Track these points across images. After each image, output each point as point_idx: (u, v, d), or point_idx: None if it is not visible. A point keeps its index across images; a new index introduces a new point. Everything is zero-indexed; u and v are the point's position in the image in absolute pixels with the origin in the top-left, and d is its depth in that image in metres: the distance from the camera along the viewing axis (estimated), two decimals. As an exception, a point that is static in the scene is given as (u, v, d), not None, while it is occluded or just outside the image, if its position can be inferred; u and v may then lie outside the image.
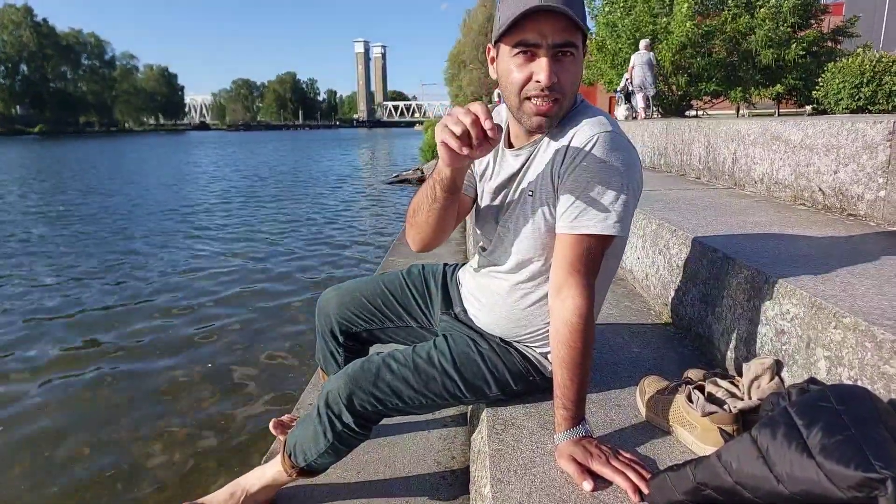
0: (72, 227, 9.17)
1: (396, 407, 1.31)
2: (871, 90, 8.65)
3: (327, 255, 7.16)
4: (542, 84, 1.09)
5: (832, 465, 0.71)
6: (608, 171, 1.12)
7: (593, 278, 1.15)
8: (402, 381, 1.29)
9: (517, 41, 1.09)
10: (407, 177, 15.26)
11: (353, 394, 1.27)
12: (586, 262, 1.14)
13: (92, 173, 19.61)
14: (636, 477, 1.03)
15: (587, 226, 1.13)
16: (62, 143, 54.22)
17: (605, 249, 1.17)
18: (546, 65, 1.08)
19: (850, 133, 2.13)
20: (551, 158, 1.19)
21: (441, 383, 1.31)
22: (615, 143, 1.13)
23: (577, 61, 1.12)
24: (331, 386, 1.31)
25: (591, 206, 1.12)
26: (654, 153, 4.55)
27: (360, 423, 1.30)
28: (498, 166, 1.32)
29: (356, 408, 1.28)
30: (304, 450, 1.35)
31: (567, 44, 1.08)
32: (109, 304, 5.10)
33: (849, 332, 1.05)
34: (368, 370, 1.31)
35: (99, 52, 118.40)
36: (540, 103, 1.12)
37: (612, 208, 1.12)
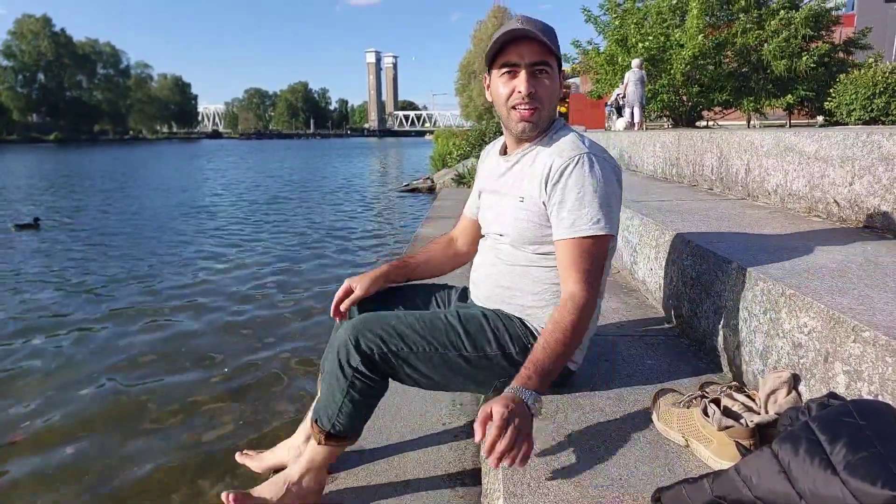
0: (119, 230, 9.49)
1: (401, 352, 1.34)
2: (884, 101, 8.59)
3: (339, 262, 7.19)
4: (523, 93, 1.37)
5: (858, 482, 0.70)
6: (590, 185, 1.34)
7: (595, 275, 1.34)
8: (407, 325, 1.38)
9: (502, 63, 1.39)
10: (417, 186, 15.29)
11: (360, 334, 1.34)
12: (585, 260, 1.33)
13: (124, 180, 20.05)
14: (505, 446, 1.01)
15: (582, 230, 1.33)
16: (78, 150, 54.97)
17: (604, 249, 1.37)
18: (525, 78, 1.36)
19: (865, 145, 2.11)
20: (540, 172, 1.40)
21: (445, 332, 1.39)
22: (591, 161, 1.36)
23: (551, 78, 1.40)
24: (340, 334, 1.38)
25: (581, 215, 1.34)
26: (666, 163, 4.53)
27: (368, 365, 1.34)
28: (490, 171, 1.60)
29: (362, 348, 1.33)
30: (327, 410, 1.39)
31: (542, 62, 1.36)
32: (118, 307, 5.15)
33: (868, 346, 1.04)
34: (376, 316, 1.41)
35: (114, 61, 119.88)
36: (522, 110, 1.39)
37: (599, 214, 1.34)
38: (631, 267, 2.68)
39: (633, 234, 2.64)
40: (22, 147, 69.21)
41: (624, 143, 6.03)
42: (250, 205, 13.26)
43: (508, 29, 1.35)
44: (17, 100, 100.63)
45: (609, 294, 2.48)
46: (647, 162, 5.10)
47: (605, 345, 1.82)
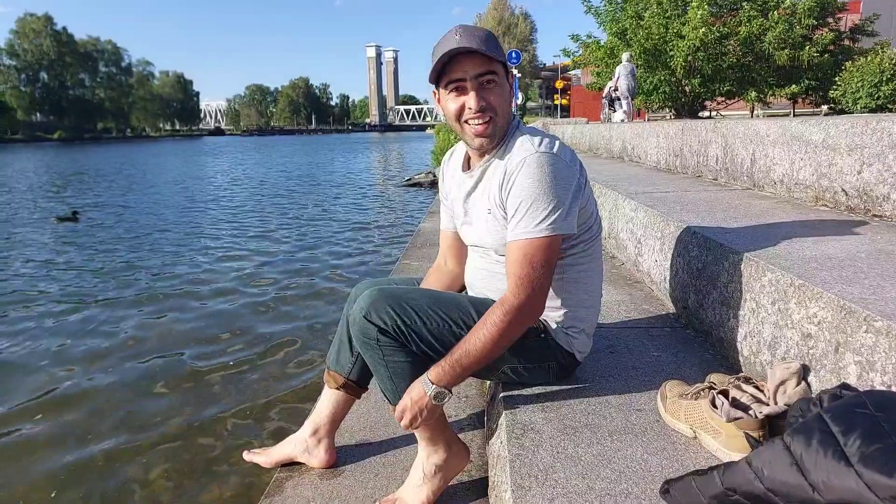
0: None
1: (413, 325, 1.33)
2: (891, 89, 8.51)
3: (343, 257, 7.19)
4: (474, 109, 1.35)
5: (872, 474, 0.68)
6: (537, 186, 1.31)
7: (534, 278, 1.31)
8: (420, 300, 1.37)
9: (448, 81, 1.37)
10: (419, 180, 15.27)
11: (372, 308, 1.33)
12: (524, 264, 1.31)
13: (136, 177, 20.61)
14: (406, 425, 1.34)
15: (524, 233, 1.32)
16: (83, 149, 55.31)
17: (549, 251, 1.32)
18: (474, 94, 1.34)
19: (874, 132, 2.08)
20: (497, 180, 1.39)
21: (457, 309, 1.38)
22: (540, 161, 1.32)
23: (500, 85, 1.37)
24: (354, 309, 1.37)
25: (526, 217, 1.32)
26: (669, 154, 4.50)
27: (386, 334, 1.32)
28: (457, 188, 1.56)
29: (374, 321, 1.32)
30: (386, 387, 1.38)
31: (486, 73, 1.34)
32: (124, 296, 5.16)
33: (881, 336, 1.02)
34: (389, 290, 1.39)
35: (116, 59, 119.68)
36: (476, 125, 1.37)
37: (543, 215, 1.31)
38: (636, 259, 2.66)
39: (638, 226, 2.62)
40: (27, 146, 69.36)
41: (626, 134, 5.99)
42: (259, 200, 13.42)
43: (448, 48, 1.31)
44: (21, 99, 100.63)
45: (614, 286, 2.46)
46: (649, 153, 5.07)
47: (611, 336, 1.81)
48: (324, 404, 1.65)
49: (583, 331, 1.47)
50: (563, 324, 1.44)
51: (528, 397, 1.42)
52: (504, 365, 1.42)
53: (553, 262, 1.35)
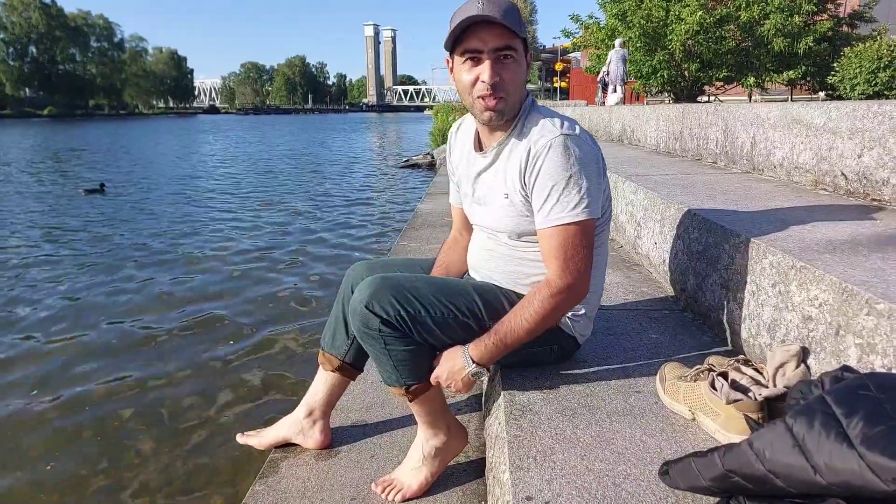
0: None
1: (418, 314, 1.29)
2: (889, 75, 8.47)
3: (340, 237, 7.16)
4: (487, 83, 1.28)
5: (875, 456, 0.68)
6: (567, 170, 1.28)
7: (576, 262, 1.30)
8: (422, 288, 1.33)
9: (463, 50, 1.29)
10: (417, 161, 15.18)
11: (374, 298, 1.28)
12: (565, 248, 1.30)
13: (137, 154, 20.99)
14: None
15: (560, 217, 1.29)
16: (76, 125, 54.84)
17: (586, 233, 1.31)
18: (489, 67, 1.28)
19: (876, 116, 2.06)
20: (517, 164, 1.34)
21: (461, 296, 1.36)
22: (566, 144, 1.29)
23: (517, 63, 1.31)
24: (355, 298, 1.31)
25: (560, 202, 1.29)
26: (669, 137, 4.47)
27: (389, 324, 1.28)
28: (466, 166, 1.51)
29: (377, 311, 1.28)
30: (388, 372, 1.35)
31: (506, 48, 1.27)
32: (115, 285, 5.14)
33: (883, 318, 1.02)
34: (391, 278, 1.35)
35: (108, 34, 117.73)
36: (487, 100, 1.30)
37: (577, 199, 1.28)
38: (635, 241, 2.65)
39: (638, 209, 2.61)
40: (15, 122, 68.44)
41: (626, 117, 5.95)
42: (256, 179, 13.40)
43: (469, 14, 1.23)
44: (9, 73, 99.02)
45: (612, 268, 2.45)
46: (649, 136, 5.04)
47: (609, 318, 1.80)
48: (318, 386, 1.64)
49: (585, 314, 1.46)
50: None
51: (527, 378, 1.42)
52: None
53: (591, 243, 1.33)
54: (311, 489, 1.48)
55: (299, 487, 1.49)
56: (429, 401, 1.40)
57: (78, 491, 2.36)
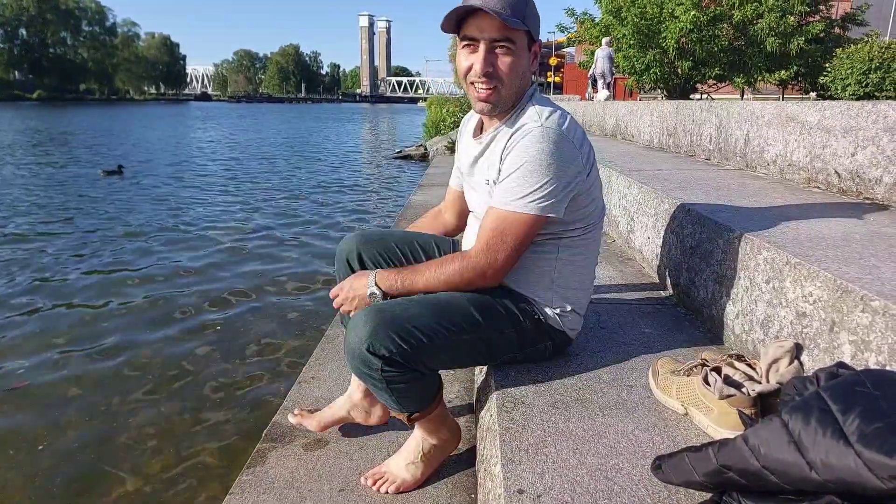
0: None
1: (421, 345, 1.21)
2: (879, 77, 8.54)
3: (331, 227, 7.13)
4: (479, 72, 1.28)
5: (872, 453, 0.67)
6: (532, 159, 1.25)
7: (504, 251, 1.29)
8: (421, 313, 1.25)
9: (463, 35, 1.30)
10: (410, 152, 15.13)
11: (373, 337, 1.19)
12: (493, 233, 1.29)
13: (135, 139, 21.20)
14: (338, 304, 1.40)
15: (503, 201, 1.29)
16: (68, 109, 54.15)
17: (532, 229, 1.30)
18: (482, 55, 1.28)
19: (870, 114, 2.06)
20: (500, 151, 1.34)
21: (460, 314, 1.29)
22: (544, 136, 1.26)
23: (515, 53, 1.29)
24: (351, 337, 1.23)
25: (513, 187, 1.27)
26: (663, 133, 4.47)
27: (389, 363, 1.21)
28: (466, 151, 1.52)
29: (379, 352, 1.20)
30: (388, 402, 1.32)
31: (502, 39, 1.27)
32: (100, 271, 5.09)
33: (878, 315, 1.01)
34: (389, 310, 1.25)
35: (100, 18, 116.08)
36: (480, 89, 1.31)
37: (528, 190, 1.26)
38: (628, 236, 2.65)
39: (631, 203, 2.60)
40: (5, 105, 67.42)
41: (620, 112, 5.95)
42: (248, 168, 13.28)
43: (471, 1, 1.23)
44: None
45: (605, 263, 2.45)
46: (643, 131, 5.04)
47: (602, 313, 1.80)
48: None
49: (572, 311, 1.44)
50: (554, 304, 1.41)
51: (519, 371, 1.41)
52: (505, 353, 1.39)
53: (526, 242, 1.31)
54: (300, 479, 1.46)
55: (287, 478, 1.47)
56: (431, 418, 1.38)
57: (62, 475, 2.33)
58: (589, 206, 1.39)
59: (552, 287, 1.40)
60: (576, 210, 1.36)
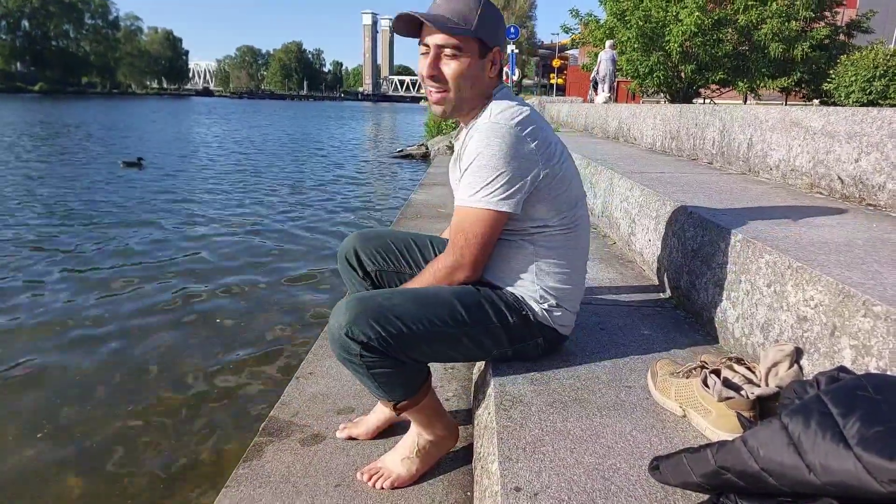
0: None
1: (401, 334, 1.22)
2: (884, 84, 8.55)
3: (332, 224, 7.12)
4: (422, 76, 1.36)
5: (872, 457, 0.67)
6: (484, 155, 1.28)
7: (465, 248, 1.33)
8: (403, 304, 1.26)
9: (419, 41, 1.37)
10: (411, 152, 15.12)
11: (353, 323, 1.21)
12: (464, 231, 1.32)
13: (145, 133, 21.60)
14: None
15: (461, 199, 1.33)
16: (71, 102, 54.26)
17: (491, 224, 1.31)
18: (428, 60, 1.34)
19: (875, 120, 2.06)
20: (463, 147, 1.39)
21: (444, 307, 1.30)
22: (491, 131, 1.29)
23: (461, 59, 1.33)
24: (332, 323, 1.24)
25: (466, 185, 1.31)
26: (666, 136, 4.47)
27: (369, 348, 1.22)
28: (454, 158, 1.55)
29: (358, 337, 1.21)
30: (371, 390, 1.32)
31: (448, 45, 1.32)
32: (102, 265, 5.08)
33: (879, 320, 1.01)
34: (370, 298, 1.27)
35: (103, 11, 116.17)
36: (430, 91, 1.38)
37: (480, 186, 1.29)
38: (628, 238, 2.64)
39: (633, 205, 2.60)
40: (6, 97, 67.37)
41: (623, 114, 5.94)
42: (252, 165, 13.26)
43: (426, 10, 1.32)
44: (1, 48, 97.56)
45: (605, 264, 2.45)
46: (646, 134, 5.04)
47: (601, 314, 1.80)
48: None
49: (562, 307, 1.43)
50: (540, 300, 1.41)
51: (517, 370, 1.40)
52: (494, 349, 1.39)
53: (489, 237, 1.33)
54: (296, 474, 1.46)
55: (283, 472, 1.47)
56: (422, 409, 1.38)
57: (61, 466, 2.33)
58: (556, 202, 1.37)
59: (535, 282, 1.41)
60: (540, 204, 1.35)
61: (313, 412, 1.73)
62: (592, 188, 3.42)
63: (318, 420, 1.69)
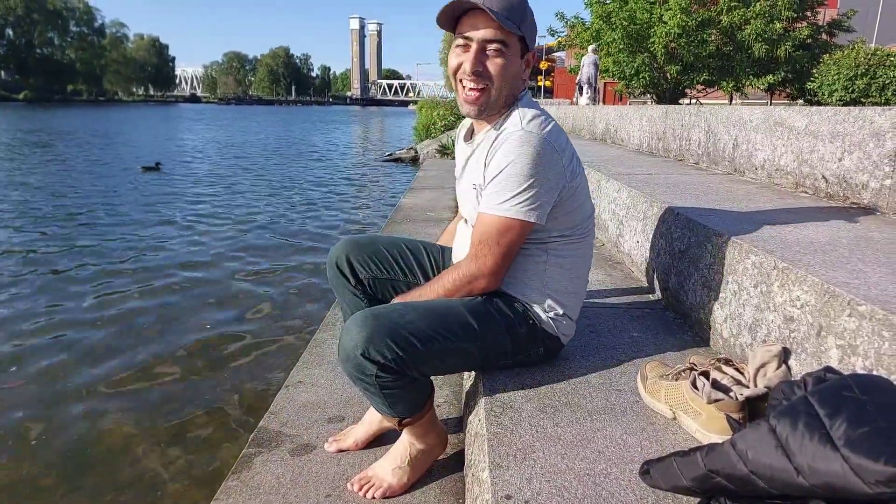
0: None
1: (416, 353, 1.20)
2: (865, 82, 8.66)
3: (321, 230, 7.09)
4: (467, 70, 1.29)
5: (859, 458, 0.67)
6: (516, 164, 1.25)
7: (487, 257, 1.30)
8: (416, 322, 1.23)
9: (458, 32, 1.31)
10: (400, 156, 15.12)
11: (370, 343, 1.17)
12: (489, 239, 1.29)
13: (140, 140, 21.90)
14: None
15: (488, 206, 1.29)
16: (58, 110, 53.84)
17: (518, 233, 1.30)
18: (473, 54, 1.28)
19: (857, 120, 2.08)
20: (485, 152, 1.34)
21: (456, 322, 1.28)
22: (522, 139, 1.26)
23: (507, 56, 1.29)
24: (346, 341, 1.20)
25: (495, 193, 1.28)
26: (652, 137, 4.49)
27: (384, 369, 1.19)
28: (459, 156, 1.53)
29: (374, 358, 1.18)
30: (380, 407, 1.31)
31: (496, 40, 1.27)
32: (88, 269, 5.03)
33: (864, 320, 1.02)
34: (385, 316, 1.23)
35: (88, 19, 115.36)
36: (468, 89, 1.31)
37: (510, 194, 1.26)
38: (617, 240, 2.65)
39: (621, 207, 2.61)
40: (-9, 105, 66.72)
41: (610, 116, 5.97)
42: (240, 170, 13.24)
43: (466, 0, 1.25)
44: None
45: (594, 266, 2.44)
46: (633, 136, 5.06)
47: (591, 316, 1.80)
48: None
49: (567, 316, 1.44)
50: (547, 309, 1.41)
51: (508, 375, 1.40)
52: (501, 359, 1.39)
53: (514, 247, 1.31)
54: (286, 485, 1.45)
55: (273, 483, 1.45)
56: (421, 423, 1.37)
57: (52, 474, 2.30)
58: (574, 214, 1.39)
59: (544, 290, 1.40)
60: (561, 216, 1.35)
61: (303, 421, 1.72)
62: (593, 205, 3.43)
63: (308, 429, 1.68)
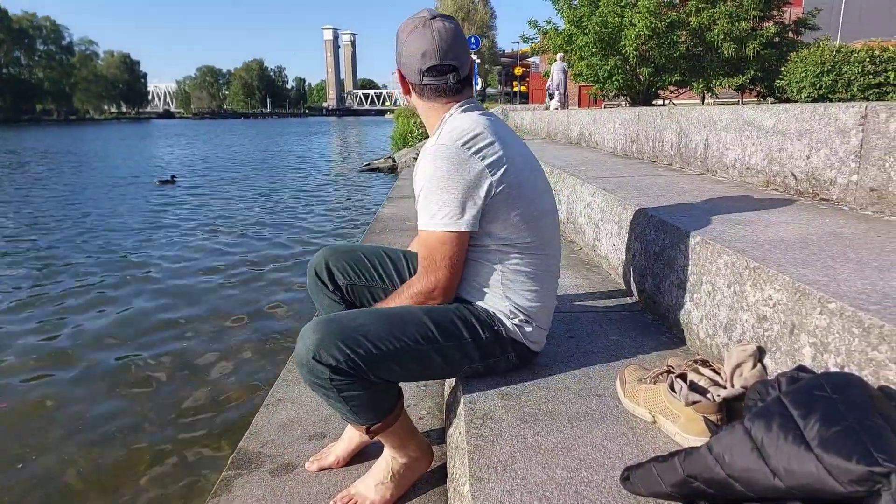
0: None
1: (369, 355, 1.20)
2: (832, 79, 8.86)
3: (301, 242, 7.04)
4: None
5: (832, 458, 0.67)
6: (432, 178, 1.30)
7: (436, 270, 1.31)
8: (373, 324, 1.24)
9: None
10: (378, 165, 15.09)
11: (321, 346, 1.18)
12: (432, 254, 1.31)
13: (121, 158, 21.35)
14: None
15: (422, 223, 1.32)
16: (29, 131, 53.16)
17: (456, 244, 1.31)
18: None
19: (822, 118, 2.12)
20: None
21: (414, 326, 1.28)
22: (437, 154, 1.31)
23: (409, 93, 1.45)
24: (299, 346, 1.22)
25: (422, 209, 1.33)
26: (626, 140, 4.54)
27: (338, 371, 1.19)
28: None
29: (326, 361, 1.18)
30: (343, 414, 1.29)
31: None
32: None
33: (835, 317, 1.03)
34: (337, 320, 1.24)
35: (56, 37, 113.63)
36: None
37: (435, 209, 1.29)
38: (593, 243, 2.66)
39: (596, 211, 2.62)
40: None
41: (584, 120, 6.03)
42: (218, 184, 13.18)
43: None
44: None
45: (572, 270, 2.46)
46: (607, 139, 5.11)
47: (569, 321, 1.80)
48: None
49: (532, 323, 1.42)
50: (511, 315, 1.39)
51: (488, 384, 1.39)
52: (465, 365, 1.38)
53: (456, 258, 1.32)
54: (267, 507, 1.42)
55: (254, 506, 1.42)
56: (395, 430, 1.35)
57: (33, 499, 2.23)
58: (515, 221, 1.35)
59: (503, 299, 1.39)
60: (498, 222, 1.34)
61: (284, 440, 1.69)
62: (557, 195, 3.45)
63: (289, 448, 1.65)
